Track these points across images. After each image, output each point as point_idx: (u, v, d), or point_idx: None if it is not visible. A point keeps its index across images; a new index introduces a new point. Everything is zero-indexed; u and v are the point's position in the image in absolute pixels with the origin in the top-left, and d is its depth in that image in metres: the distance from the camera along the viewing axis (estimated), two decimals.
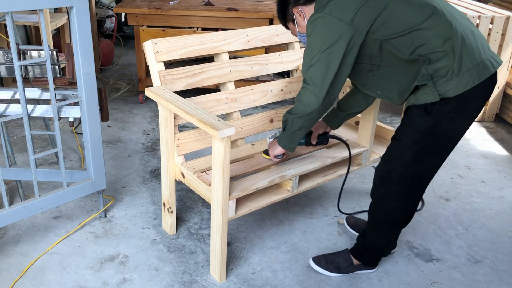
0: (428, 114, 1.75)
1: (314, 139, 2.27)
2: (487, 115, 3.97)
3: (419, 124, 1.79)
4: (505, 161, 3.33)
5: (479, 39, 1.75)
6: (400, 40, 1.71)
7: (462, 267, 2.29)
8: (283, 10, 1.94)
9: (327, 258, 2.20)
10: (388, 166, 1.93)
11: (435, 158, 1.88)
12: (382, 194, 1.98)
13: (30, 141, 2.07)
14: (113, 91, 4.16)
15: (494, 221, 2.65)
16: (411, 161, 1.85)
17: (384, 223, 2.05)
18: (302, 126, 1.93)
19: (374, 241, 2.11)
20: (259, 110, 3.74)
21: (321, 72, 1.77)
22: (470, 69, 1.68)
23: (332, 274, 2.17)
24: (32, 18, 3.60)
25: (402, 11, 1.70)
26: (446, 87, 1.69)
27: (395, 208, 1.99)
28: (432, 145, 1.82)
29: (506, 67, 3.81)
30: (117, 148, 3.23)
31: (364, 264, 2.18)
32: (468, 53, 1.69)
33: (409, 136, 1.84)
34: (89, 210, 2.55)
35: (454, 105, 1.73)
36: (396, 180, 1.91)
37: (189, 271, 2.17)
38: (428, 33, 1.68)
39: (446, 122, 1.76)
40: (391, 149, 1.93)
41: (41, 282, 2.07)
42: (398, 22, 1.69)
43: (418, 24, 1.68)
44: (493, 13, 3.72)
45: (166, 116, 2.12)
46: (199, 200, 2.69)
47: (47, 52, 1.98)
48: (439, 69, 1.69)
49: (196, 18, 3.72)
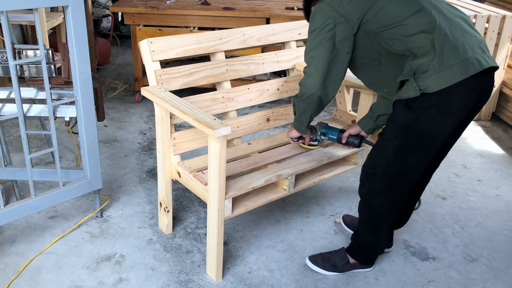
0: (409, 109, 1.76)
1: (344, 138, 2.24)
2: (483, 114, 3.98)
3: (400, 119, 1.80)
4: (501, 160, 3.34)
5: (469, 38, 1.74)
6: (387, 33, 1.76)
7: (458, 266, 2.29)
8: (307, 8, 2.04)
9: (324, 257, 2.21)
10: (372, 162, 1.95)
11: (418, 156, 1.86)
12: (367, 190, 1.99)
13: (25, 141, 2.06)
14: (110, 91, 4.16)
15: (490, 220, 2.66)
16: (394, 157, 1.86)
17: (371, 219, 2.06)
18: (305, 109, 2.01)
19: (366, 239, 2.12)
20: (256, 110, 3.74)
21: (318, 58, 1.86)
22: (452, 66, 1.68)
23: (329, 273, 2.17)
24: (28, 18, 3.59)
25: (390, 6, 1.76)
26: (427, 82, 1.71)
27: (381, 204, 1.99)
28: (414, 142, 1.82)
29: (502, 66, 3.82)
30: (113, 148, 3.23)
31: (361, 262, 2.18)
32: (451, 49, 1.69)
33: (391, 131, 1.85)
34: (85, 210, 2.54)
35: (434, 100, 1.72)
36: (380, 176, 1.92)
37: (185, 270, 2.17)
38: (411, 28, 1.73)
39: (427, 118, 1.75)
40: (376, 144, 1.95)
41: (37, 282, 2.06)
42: (387, 16, 1.75)
43: (402, 19, 1.73)
44: (489, 12, 3.73)
45: (162, 116, 2.12)
46: (196, 199, 2.69)
47: (42, 52, 1.97)
48: (421, 65, 1.71)
49: (192, 18, 3.72)
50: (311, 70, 1.89)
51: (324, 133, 2.29)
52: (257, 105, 3.82)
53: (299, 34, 2.63)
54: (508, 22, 3.68)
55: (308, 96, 1.94)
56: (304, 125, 2.12)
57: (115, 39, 5.24)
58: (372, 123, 2.16)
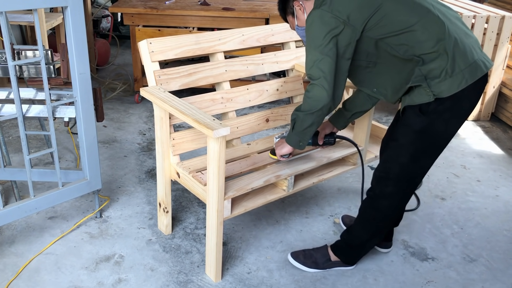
0: (424, 114, 1.78)
1: (320, 140, 2.24)
2: (482, 114, 3.98)
3: (415, 124, 1.81)
4: (500, 160, 3.34)
5: (471, 40, 1.77)
6: (394, 39, 1.73)
7: (457, 266, 2.29)
8: (284, 2, 1.97)
9: (306, 253, 2.22)
10: (385, 167, 1.96)
11: (431, 158, 1.91)
12: (378, 193, 2.00)
13: (24, 141, 2.06)
14: (109, 91, 4.16)
15: (489, 220, 2.66)
16: (408, 162, 1.88)
17: (373, 219, 2.06)
18: (313, 122, 1.93)
19: (358, 237, 2.12)
20: (255, 110, 3.74)
21: (326, 68, 1.79)
22: (463, 70, 1.71)
23: (309, 269, 2.18)
24: (27, 18, 3.59)
25: (396, 11, 1.72)
26: (440, 88, 1.72)
27: (387, 207, 2.01)
28: (428, 146, 1.85)
29: (501, 66, 3.83)
30: (112, 148, 3.23)
31: (343, 261, 2.19)
32: (460, 54, 1.71)
33: (405, 137, 1.86)
34: (84, 210, 2.54)
35: (448, 105, 1.75)
36: (393, 180, 1.93)
37: (184, 271, 2.17)
38: (421, 34, 1.71)
39: (441, 122, 1.79)
40: (388, 150, 1.96)
41: (36, 282, 2.06)
42: (392, 21, 1.72)
43: (411, 25, 1.71)
44: (488, 12, 3.73)
45: (161, 116, 2.12)
46: (195, 200, 2.69)
47: (41, 52, 1.97)
48: (432, 70, 1.71)
49: (192, 18, 3.72)
50: (322, 82, 1.80)
51: None
52: (256, 106, 3.82)
53: None
54: (507, 22, 3.69)
55: (320, 109, 1.86)
56: (306, 139, 2.00)
57: (114, 40, 5.24)
58: (346, 120, 2.18)
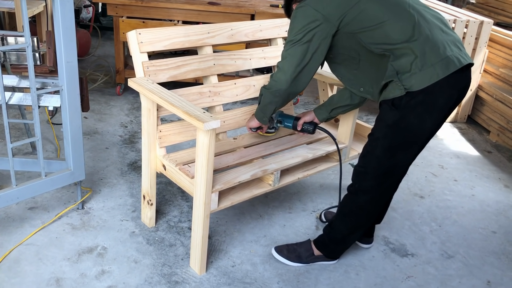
0: (396, 108, 1.82)
1: (299, 125, 2.32)
2: (459, 116, 4.09)
3: (388, 118, 1.86)
4: (476, 161, 3.44)
5: (448, 37, 1.81)
6: (368, 34, 1.80)
7: (436, 262, 2.36)
8: (287, 5, 2.07)
9: (289, 248, 2.25)
10: (363, 161, 2.00)
11: (406, 152, 1.93)
12: (357, 188, 2.04)
13: (8, 129, 2.02)
14: (90, 82, 4.09)
15: (465, 218, 2.74)
16: (384, 156, 1.92)
17: (353, 214, 2.10)
18: (271, 101, 2.06)
19: (341, 232, 2.15)
20: (238, 106, 3.74)
21: (294, 55, 1.90)
22: (434, 64, 1.75)
23: (293, 264, 2.21)
24: (7, 4, 3.50)
25: (371, 7, 1.79)
26: (411, 82, 1.76)
27: (367, 201, 2.04)
28: (402, 139, 1.88)
29: (478, 70, 3.93)
30: (94, 140, 3.18)
31: (326, 255, 2.22)
32: (432, 48, 1.76)
33: (380, 130, 1.91)
34: (66, 202, 2.50)
35: (420, 99, 1.79)
36: (371, 174, 1.97)
37: (168, 263, 2.16)
38: (390, 29, 1.77)
39: (413, 115, 1.82)
40: (366, 144, 2.00)
41: (16, 273, 2.02)
42: (367, 17, 1.79)
43: (383, 21, 1.78)
44: (468, 17, 3.83)
45: (149, 108, 2.10)
46: (178, 193, 2.68)
47: (28, 39, 1.93)
48: (403, 65, 1.77)
49: (177, 11, 3.69)
50: (284, 65, 1.93)
51: (280, 121, 2.37)
52: (240, 102, 3.83)
53: (286, 31, 2.64)
54: (485, 27, 3.79)
55: (276, 90, 1.99)
56: (266, 116, 2.18)
57: (95, 30, 5.16)
58: (327, 114, 2.26)
